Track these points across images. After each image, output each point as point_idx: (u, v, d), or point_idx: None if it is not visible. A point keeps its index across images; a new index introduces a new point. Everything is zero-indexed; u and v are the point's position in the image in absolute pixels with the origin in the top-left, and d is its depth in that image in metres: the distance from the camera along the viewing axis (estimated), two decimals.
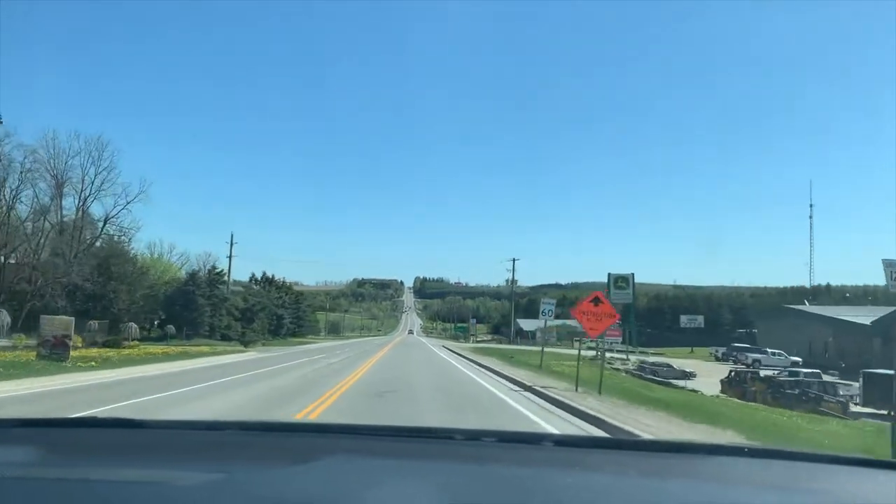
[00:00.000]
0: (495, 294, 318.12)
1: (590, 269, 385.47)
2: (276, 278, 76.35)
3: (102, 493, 1.35)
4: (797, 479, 1.52)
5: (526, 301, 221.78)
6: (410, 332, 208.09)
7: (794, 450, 1.76)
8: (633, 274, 78.40)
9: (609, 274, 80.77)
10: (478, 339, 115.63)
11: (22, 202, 45.78)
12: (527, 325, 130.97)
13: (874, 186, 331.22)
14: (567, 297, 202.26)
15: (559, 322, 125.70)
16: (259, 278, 72.31)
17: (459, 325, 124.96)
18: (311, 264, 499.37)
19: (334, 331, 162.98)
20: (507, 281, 77.87)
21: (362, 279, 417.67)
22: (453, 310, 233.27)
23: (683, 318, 74.90)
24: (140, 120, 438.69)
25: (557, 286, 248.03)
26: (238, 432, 1.98)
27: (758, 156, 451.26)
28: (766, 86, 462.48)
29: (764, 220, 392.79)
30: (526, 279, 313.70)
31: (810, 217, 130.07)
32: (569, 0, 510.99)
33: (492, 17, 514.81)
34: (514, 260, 79.30)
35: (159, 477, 1.42)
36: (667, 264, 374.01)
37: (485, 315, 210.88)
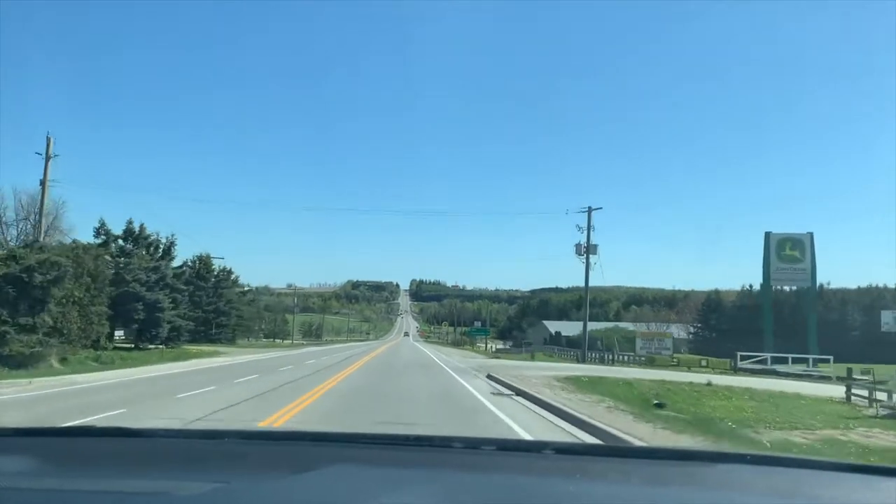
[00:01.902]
0: (493, 297, 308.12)
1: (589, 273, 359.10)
2: (154, 235, 39.69)
3: (99, 503, 1.33)
4: (800, 486, 1.50)
5: (537, 302, 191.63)
6: (406, 334, 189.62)
7: (797, 457, 1.73)
8: (811, 234, 46.71)
9: (768, 234, 46.86)
10: (498, 349, 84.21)
11: None
12: (558, 327, 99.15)
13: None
14: (584, 299, 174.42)
15: (610, 324, 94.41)
16: (117, 233, 36.24)
17: (479, 329, 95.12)
18: (305, 266, 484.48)
19: (315, 335, 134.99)
20: (576, 245, 44.40)
21: (357, 281, 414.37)
22: (453, 312, 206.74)
23: (886, 315, 43.55)
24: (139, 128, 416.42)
25: (557, 290, 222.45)
26: (237, 441, 1.94)
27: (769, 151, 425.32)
28: (768, 84, 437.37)
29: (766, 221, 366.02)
30: (522, 283, 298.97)
31: None
32: (570, 1, 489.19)
33: (492, 19, 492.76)
34: (589, 209, 45.11)
35: (157, 487, 1.39)
36: (671, 268, 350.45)
37: (486, 318, 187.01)
